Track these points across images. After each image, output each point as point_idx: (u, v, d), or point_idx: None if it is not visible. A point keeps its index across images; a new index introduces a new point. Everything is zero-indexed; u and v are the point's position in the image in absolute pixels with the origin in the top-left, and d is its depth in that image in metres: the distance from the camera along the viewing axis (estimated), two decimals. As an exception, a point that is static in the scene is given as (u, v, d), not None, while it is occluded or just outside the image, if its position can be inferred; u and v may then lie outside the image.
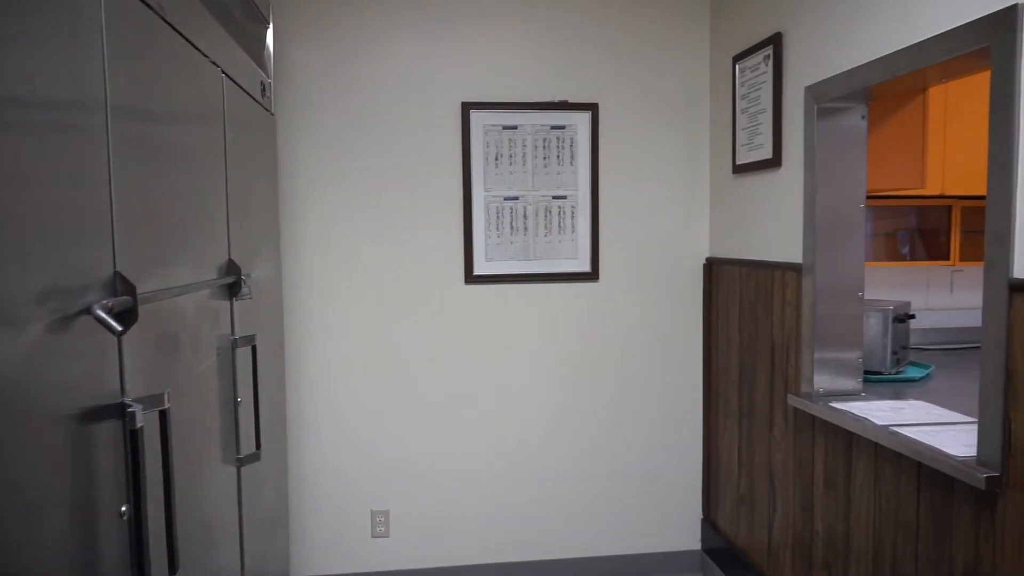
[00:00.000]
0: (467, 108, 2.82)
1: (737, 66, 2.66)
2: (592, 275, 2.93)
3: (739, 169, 2.66)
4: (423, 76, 2.81)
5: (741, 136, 2.64)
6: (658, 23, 2.92)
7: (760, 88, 2.49)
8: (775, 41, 2.37)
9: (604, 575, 3.04)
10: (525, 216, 2.88)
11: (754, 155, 2.54)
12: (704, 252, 3.02)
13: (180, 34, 1.41)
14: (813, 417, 2.21)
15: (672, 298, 3.01)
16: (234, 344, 1.83)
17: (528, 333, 2.94)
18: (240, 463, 1.89)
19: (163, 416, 1.17)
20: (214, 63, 1.67)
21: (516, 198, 2.87)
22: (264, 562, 2.19)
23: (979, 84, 2.57)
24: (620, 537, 3.05)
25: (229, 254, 1.80)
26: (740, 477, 2.76)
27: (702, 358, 3.05)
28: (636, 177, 2.95)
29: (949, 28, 1.61)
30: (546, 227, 2.89)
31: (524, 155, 2.86)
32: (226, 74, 1.79)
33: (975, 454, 1.57)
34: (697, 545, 3.11)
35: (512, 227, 2.87)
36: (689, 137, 2.97)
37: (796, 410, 2.32)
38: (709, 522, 3.05)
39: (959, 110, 2.61)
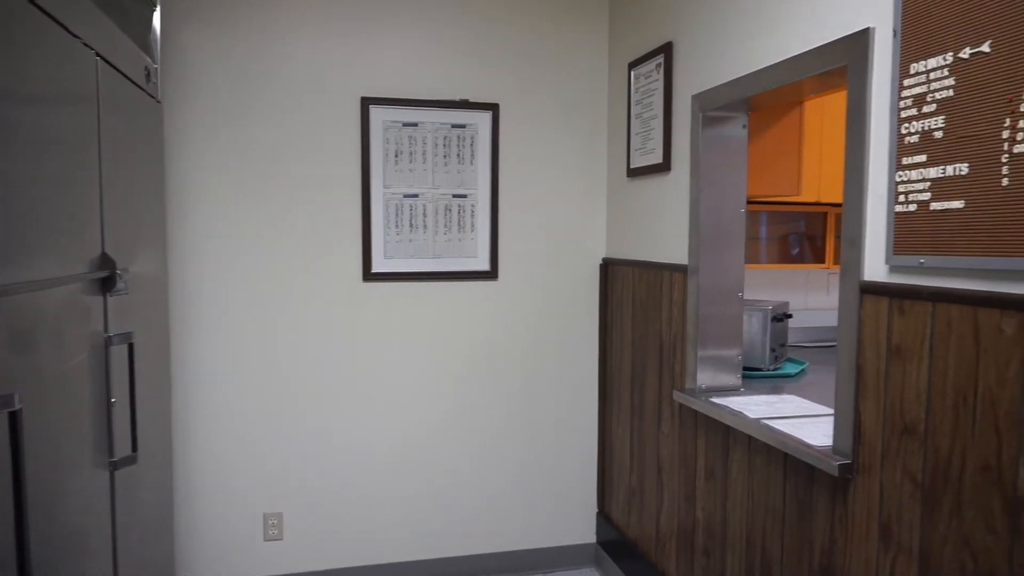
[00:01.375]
0: (367, 103, 2.78)
1: (632, 72, 2.75)
2: (491, 274, 2.96)
3: (633, 172, 2.75)
4: (322, 68, 2.75)
5: (635, 140, 2.73)
6: (559, 28, 2.98)
7: (653, 95, 2.58)
8: (666, 50, 2.47)
9: (502, 571, 3.07)
10: (425, 214, 2.87)
11: (647, 159, 2.63)
12: (601, 252, 3.10)
13: (43, 11, 1.33)
14: (696, 412, 2.32)
15: (570, 297, 3.08)
16: (108, 342, 1.74)
17: (427, 331, 2.94)
18: (114, 466, 1.80)
19: (13, 418, 1.11)
20: (87, 45, 1.59)
21: (416, 196, 2.86)
22: (143, 569, 2.10)
23: (851, 100, 2.75)
24: (518, 532, 3.09)
25: (103, 247, 1.71)
26: (632, 471, 2.86)
27: (598, 356, 3.13)
28: (536, 177, 3.00)
29: (815, 46, 1.73)
30: (446, 225, 2.90)
31: (425, 153, 2.85)
32: (101, 57, 1.70)
33: (831, 444, 1.68)
34: (592, 538, 3.19)
35: (412, 225, 2.86)
36: (587, 140, 3.05)
37: (681, 405, 2.42)
38: (603, 515, 3.14)
39: (833, 122, 2.79)
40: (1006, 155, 1.22)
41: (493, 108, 2.91)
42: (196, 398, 2.74)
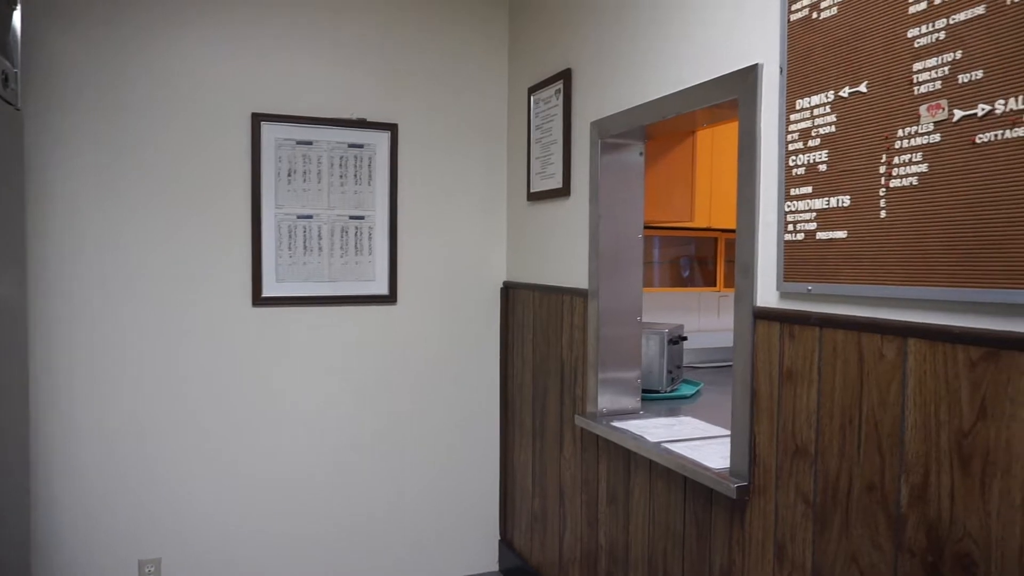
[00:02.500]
0: (258, 119, 2.65)
1: (532, 97, 2.76)
2: (390, 298, 2.87)
3: (533, 197, 2.76)
4: (210, 81, 2.60)
5: (535, 165, 2.74)
6: (460, 49, 2.96)
7: (553, 120, 2.60)
8: (565, 76, 2.50)
9: (401, 606, 2.96)
10: (320, 236, 2.76)
11: (547, 184, 2.64)
12: (502, 276, 3.08)
13: None
14: (597, 436, 2.32)
15: (471, 321, 3.03)
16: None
17: (322, 359, 2.81)
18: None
19: None
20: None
21: (310, 217, 2.74)
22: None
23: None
24: (419, 563, 2.99)
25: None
26: (534, 496, 2.83)
27: (499, 381, 3.10)
28: (436, 200, 2.95)
29: (708, 79, 1.78)
30: (342, 248, 2.79)
31: (320, 172, 2.75)
32: (-55, 59, 1.51)
33: (728, 466, 1.72)
34: (495, 566, 3.13)
35: (306, 247, 2.74)
36: (488, 163, 3.03)
37: (583, 430, 2.42)
38: (506, 542, 3.09)
39: (724, 152, 2.91)
40: (883, 188, 1.29)
41: (392, 128, 2.84)
42: (60, 432, 2.49)
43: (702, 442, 1.99)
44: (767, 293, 1.58)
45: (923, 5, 1.22)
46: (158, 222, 2.56)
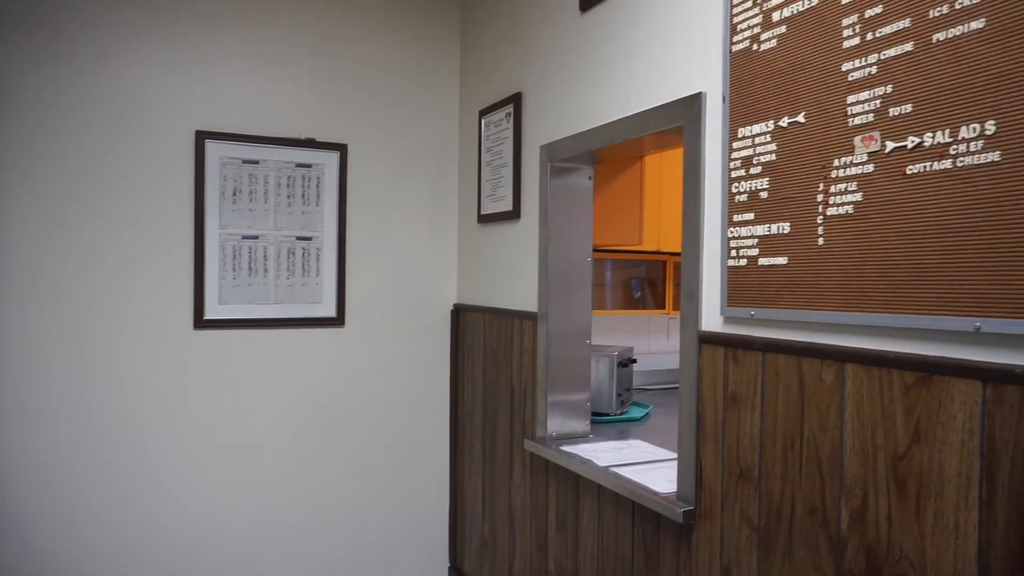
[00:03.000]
0: (202, 137, 2.59)
1: (483, 120, 2.77)
2: (338, 320, 2.82)
3: (484, 219, 2.75)
4: (152, 97, 2.53)
5: (486, 187, 2.74)
6: (412, 70, 2.95)
7: (503, 143, 2.61)
8: (515, 100, 2.51)
9: (347, 638, 2.87)
10: (266, 257, 2.69)
11: (497, 206, 2.64)
12: (452, 299, 3.06)
13: None
14: (547, 460, 2.30)
15: (420, 344, 3.00)
16: None
17: (267, 383, 2.73)
18: None
19: None
20: None
21: (256, 237, 2.68)
22: None
23: (685, 156, 2.94)
24: (365, 595, 2.91)
25: None
26: (484, 522, 2.79)
27: (449, 404, 3.07)
28: (386, 221, 2.92)
29: (654, 106, 1.81)
30: (289, 269, 2.73)
31: (266, 192, 2.69)
32: None
33: (675, 490, 1.72)
34: (444, 594, 3.07)
35: (251, 268, 2.67)
36: (439, 185, 3.02)
37: (532, 454, 2.40)
38: (455, 569, 3.04)
39: (672, 176, 2.96)
40: (821, 216, 1.32)
41: (341, 148, 2.81)
42: (-18, 466, 2.35)
43: (650, 466, 1.99)
44: (712, 318, 1.60)
45: (856, 40, 1.26)
46: (96, 242, 2.47)
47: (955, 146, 1.10)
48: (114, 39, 2.48)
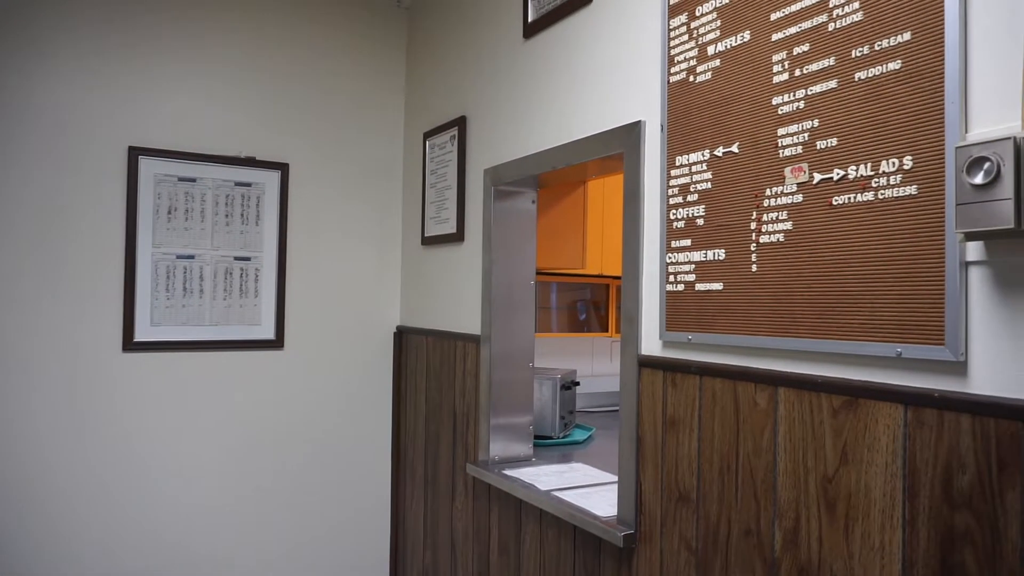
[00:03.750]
0: (135, 153, 2.51)
1: (428, 142, 2.76)
2: (277, 343, 2.75)
3: (428, 241, 2.74)
4: (82, 110, 2.44)
5: (430, 209, 2.73)
6: (356, 91, 2.93)
7: (447, 165, 2.61)
8: (460, 123, 2.52)
9: (282, 673, 2.77)
10: (202, 277, 2.62)
11: (441, 228, 2.64)
12: (395, 321, 3.03)
13: None
14: (489, 485, 2.29)
15: (362, 367, 2.95)
16: None
17: (202, 406, 2.64)
18: None
19: None
20: None
21: (192, 257, 2.60)
22: None
23: (628, 182, 2.99)
24: (302, 627, 2.82)
25: None
26: (426, 548, 2.75)
27: (391, 428, 3.02)
28: (328, 242, 2.88)
29: (596, 133, 1.84)
30: (226, 290, 2.66)
31: (203, 211, 2.62)
32: None
33: (616, 514, 1.73)
34: (384, 623, 3.00)
35: (186, 289, 2.59)
36: (383, 206, 3.00)
37: (474, 478, 2.38)
38: (396, 598, 2.98)
39: (614, 201, 3.00)
40: (754, 244, 1.36)
41: (283, 168, 2.76)
42: None
43: (592, 489, 2.00)
44: (651, 342, 1.62)
45: (785, 76, 1.31)
46: (20, 261, 2.35)
47: (876, 179, 1.15)
48: (43, 52, 2.39)
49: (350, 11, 2.93)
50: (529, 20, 2.15)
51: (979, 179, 0.95)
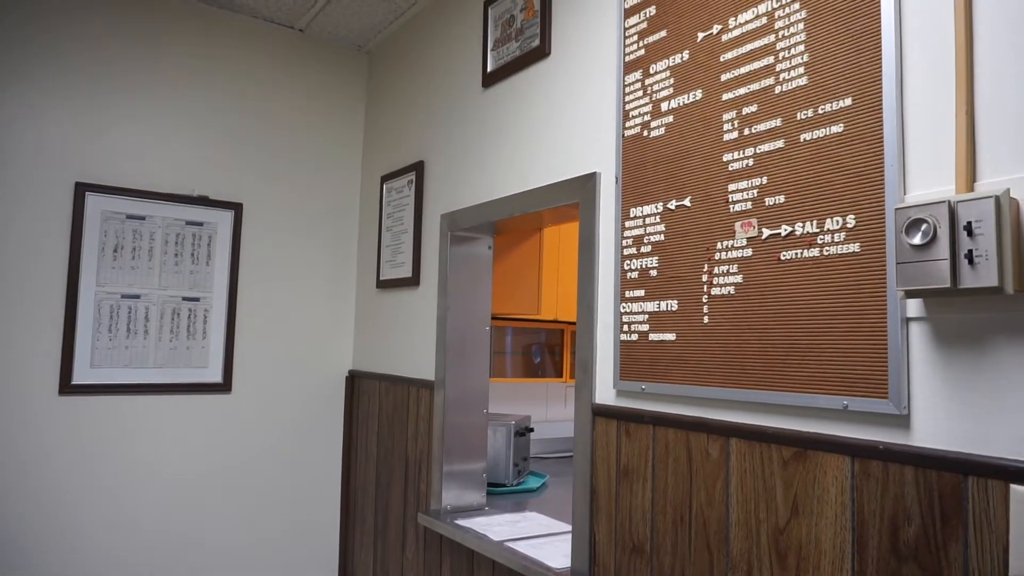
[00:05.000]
0: (83, 189, 2.44)
1: (385, 185, 2.77)
2: (224, 386, 2.67)
3: (383, 284, 2.72)
4: (28, 144, 2.37)
5: (386, 253, 2.71)
6: (314, 132, 2.93)
7: (404, 209, 2.61)
8: (418, 168, 2.53)
9: None
10: (147, 318, 2.54)
11: (396, 272, 2.62)
12: (347, 365, 2.98)
13: None
14: (440, 535, 2.23)
15: (313, 411, 2.88)
16: None
17: (144, 452, 2.52)
18: None
19: None
20: None
21: (138, 297, 2.52)
22: None
23: (583, 229, 3.03)
24: None
25: None
26: (374, 601, 2.66)
27: (341, 475, 2.94)
28: (281, 283, 2.83)
29: (552, 182, 1.87)
30: (173, 331, 2.58)
31: (152, 250, 2.55)
32: None
33: (569, 565, 1.70)
34: None
35: (130, 329, 2.50)
36: (338, 248, 2.97)
37: (426, 528, 2.32)
38: (342, 654, 2.86)
39: (569, 247, 3.04)
40: (706, 296, 1.39)
41: (236, 207, 2.72)
42: None
43: (546, 539, 1.97)
44: (605, 390, 1.63)
45: (735, 135, 1.36)
46: (-53, 298, 2.25)
47: (822, 236, 1.19)
48: (-11, 83, 2.33)
49: (310, 53, 2.94)
50: (488, 70, 2.19)
51: (917, 240, 1.00)
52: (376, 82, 3.00)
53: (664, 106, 1.52)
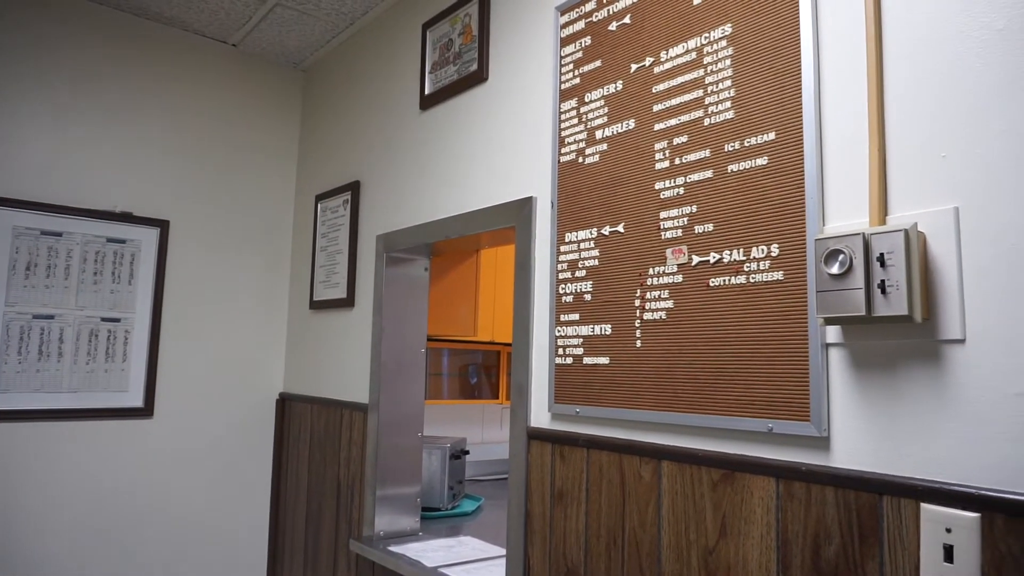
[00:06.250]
0: (-7, 204, 2.31)
1: (320, 205, 2.72)
2: (145, 411, 2.55)
3: (316, 305, 2.67)
4: (-69, 157, 2.24)
5: (319, 273, 2.67)
6: (246, 148, 2.86)
7: (339, 229, 2.57)
8: (353, 188, 2.50)
9: None
10: (62, 339, 2.41)
11: (330, 293, 2.57)
12: (278, 387, 2.89)
13: None
14: (373, 562, 2.19)
15: (241, 437, 2.78)
16: None
17: (57, 483, 2.38)
18: None
19: None
20: None
21: (51, 317, 2.39)
22: None
23: (520, 251, 3.05)
24: None
25: None
26: (302, 633, 2.57)
27: (270, 502, 2.84)
28: (209, 304, 2.73)
29: (489, 205, 1.88)
30: (90, 354, 2.46)
31: (69, 268, 2.43)
32: None
33: (504, 591, 1.69)
34: None
35: (42, 352, 2.37)
36: (270, 268, 2.90)
37: (358, 555, 2.27)
38: None
39: (506, 269, 3.05)
40: (638, 320, 1.42)
41: (163, 225, 2.62)
42: None
43: (480, 564, 1.95)
44: (540, 413, 1.63)
45: (666, 164, 1.40)
46: None
47: (748, 263, 1.23)
48: None
49: (244, 68, 2.88)
50: (426, 92, 2.19)
51: (835, 269, 1.05)
52: (312, 100, 2.96)
53: (599, 134, 1.56)
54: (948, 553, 0.95)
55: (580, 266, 1.56)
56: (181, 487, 2.63)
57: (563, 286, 1.59)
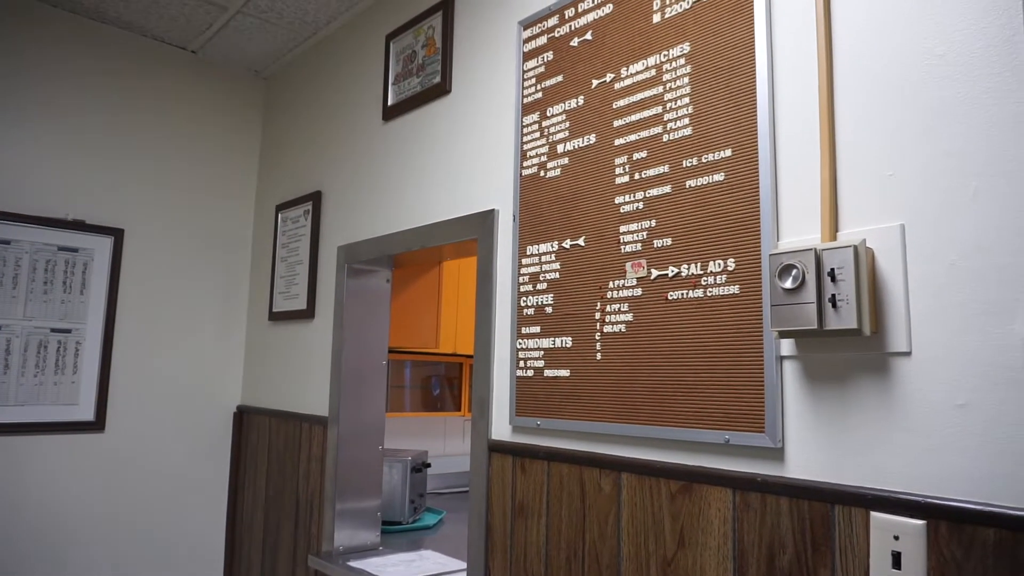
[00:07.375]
0: (-63, 211, 2.23)
1: (280, 215, 2.69)
2: (96, 425, 2.48)
3: (275, 316, 2.63)
4: None
5: (279, 284, 2.63)
6: (205, 156, 2.81)
7: (300, 240, 2.54)
8: (315, 199, 2.48)
9: None
10: (8, 351, 2.33)
11: (290, 304, 2.54)
12: (236, 400, 2.84)
13: None
14: (332, 577, 2.15)
15: (197, 451, 2.71)
16: None
17: (1, 502, 2.30)
18: None
19: None
20: None
21: (-2, 328, 2.31)
22: None
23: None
24: None
25: None
26: (258, 652, 2.51)
27: (226, 518, 2.78)
28: (165, 315, 2.67)
29: (452, 217, 1.88)
30: (39, 366, 2.38)
31: (16, 277, 2.36)
32: None
33: (464, 605, 1.68)
34: None
35: (-13, 364, 2.29)
36: (229, 278, 2.85)
37: (317, 571, 2.23)
38: None
39: (468, 282, 3.05)
40: (599, 333, 1.43)
41: (117, 233, 2.56)
42: None
43: (441, 578, 1.93)
44: (501, 426, 1.63)
45: (626, 179, 1.42)
46: None
47: (705, 277, 1.25)
48: None
49: (204, 75, 2.84)
50: (389, 103, 2.19)
51: (788, 284, 1.07)
52: (273, 109, 2.93)
53: (560, 148, 1.57)
54: (896, 560, 0.97)
55: (541, 279, 1.57)
56: (133, 504, 2.55)
57: (524, 299, 1.60)
